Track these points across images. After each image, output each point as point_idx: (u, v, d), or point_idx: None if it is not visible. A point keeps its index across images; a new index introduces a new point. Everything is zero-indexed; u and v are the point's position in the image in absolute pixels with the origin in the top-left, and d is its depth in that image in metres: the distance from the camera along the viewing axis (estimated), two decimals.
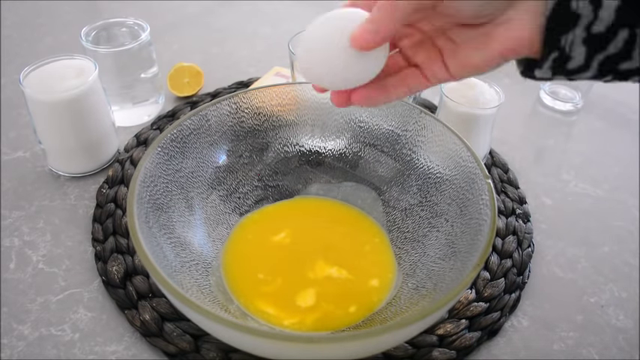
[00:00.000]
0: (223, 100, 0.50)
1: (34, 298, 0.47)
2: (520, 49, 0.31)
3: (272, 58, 0.80)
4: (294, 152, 0.55)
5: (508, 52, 0.31)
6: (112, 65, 0.62)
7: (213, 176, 0.51)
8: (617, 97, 0.77)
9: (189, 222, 0.47)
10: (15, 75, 0.72)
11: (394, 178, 0.52)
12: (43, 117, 0.55)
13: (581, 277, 0.51)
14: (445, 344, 0.44)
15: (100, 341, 0.44)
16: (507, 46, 0.31)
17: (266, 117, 0.53)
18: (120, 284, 0.48)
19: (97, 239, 0.52)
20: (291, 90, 0.53)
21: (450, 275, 0.41)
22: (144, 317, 0.45)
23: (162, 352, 0.43)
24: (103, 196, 0.56)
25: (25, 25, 0.88)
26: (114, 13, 0.89)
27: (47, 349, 0.44)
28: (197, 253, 0.46)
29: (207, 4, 0.96)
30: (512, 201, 0.56)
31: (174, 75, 0.71)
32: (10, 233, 0.53)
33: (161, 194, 0.45)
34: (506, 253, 0.51)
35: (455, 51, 0.33)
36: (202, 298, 0.41)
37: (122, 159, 0.60)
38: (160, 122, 0.66)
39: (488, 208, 0.40)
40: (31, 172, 0.60)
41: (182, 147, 0.48)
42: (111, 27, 0.66)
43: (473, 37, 0.32)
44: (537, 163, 0.65)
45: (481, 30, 0.32)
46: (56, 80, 0.55)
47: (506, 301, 0.47)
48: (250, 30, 0.89)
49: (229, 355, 0.43)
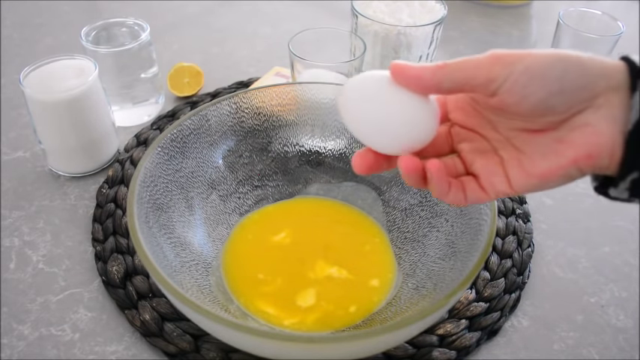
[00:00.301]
0: (223, 100, 0.50)
1: (34, 298, 0.47)
2: (598, 155, 0.26)
3: (272, 58, 0.80)
4: (294, 152, 0.55)
5: (583, 158, 0.27)
6: (112, 65, 0.62)
7: (213, 176, 0.51)
8: None
9: (189, 222, 0.47)
10: (15, 75, 0.72)
11: (394, 178, 0.52)
12: (43, 117, 0.55)
13: (581, 277, 0.51)
14: (445, 344, 0.44)
15: (100, 341, 0.44)
16: (583, 152, 0.26)
17: (266, 117, 0.53)
18: (120, 284, 0.48)
19: (97, 239, 0.52)
20: (291, 90, 0.52)
21: (450, 275, 0.41)
22: (144, 317, 0.45)
23: (162, 352, 0.43)
24: (103, 196, 0.56)
25: (25, 25, 0.88)
26: (114, 13, 0.89)
27: (47, 349, 0.44)
28: (197, 253, 0.46)
29: (207, 4, 0.96)
30: (512, 201, 0.56)
31: (174, 75, 0.71)
32: (10, 233, 0.53)
33: (161, 194, 0.45)
34: (506, 253, 0.51)
35: (520, 160, 0.29)
36: (202, 298, 0.42)
37: (122, 159, 0.60)
38: (160, 122, 0.66)
39: (489, 208, 0.40)
40: (31, 172, 0.60)
41: (182, 147, 0.48)
42: (111, 27, 0.66)
43: (542, 143, 0.28)
44: None
45: (552, 135, 0.28)
46: (56, 80, 0.55)
47: (506, 301, 0.47)
48: (250, 30, 0.89)
49: (229, 355, 0.43)
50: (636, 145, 0.25)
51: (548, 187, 0.29)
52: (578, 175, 0.28)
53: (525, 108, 0.27)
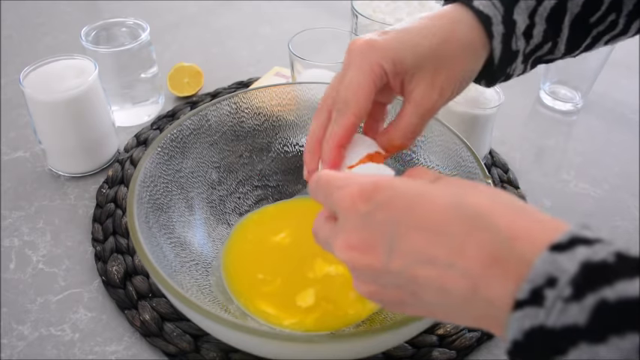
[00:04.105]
0: (223, 100, 0.50)
1: (34, 298, 0.47)
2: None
3: (272, 58, 0.80)
4: (294, 152, 0.55)
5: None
6: (112, 65, 0.62)
7: (213, 176, 0.51)
8: (616, 96, 0.76)
9: (189, 222, 0.47)
10: (15, 75, 0.72)
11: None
12: (43, 117, 0.55)
13: None
14: (445, 344, 0.44)
15: (100, 341, 0.44)
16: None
17: (266, 117, 0.53)
18: (120, 284, 0.48)
19: (97, 239, 0.52)
20: (291, 90, 0.52)
21: None
22: (144, 317, 0.45)
23: (162, 352, 0.43)
24: (103, 196, 0.56)
25: (25, 25, 0.88)
26: (114, 13, 0.89)
27: (47, 349, 0.44)
28: (197, 253, 0.46)
29: (207, 4, 0.96)
30: None
31: (174, 75, 0.71)
32: (10, 233, 0.53)
33: (161, 194, 0.45)
34: None
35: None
36: (202, 298, 0.42)
37: (122, 159, 0.60)
38: (160, 122, 0.66)
39: None
40: (31, 172, 0.60)
41: (182, 147, 0.48)
42: (111, 27, 0.66)
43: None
44: (537, 163, 0.65)
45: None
46: (56, 80, 0.55)
47: None
48: (250, 30, 0.89)
49: (229, 355, 0.43)
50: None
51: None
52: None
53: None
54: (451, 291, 0.25)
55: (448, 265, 0.24)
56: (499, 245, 0.23)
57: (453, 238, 0.25)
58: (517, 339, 0.22)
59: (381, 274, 0.27)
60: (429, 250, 0.25)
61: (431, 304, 0.27)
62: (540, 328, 0.21)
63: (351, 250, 0.28)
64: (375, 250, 0.27)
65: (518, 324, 0.22)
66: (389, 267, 0.26)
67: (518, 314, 0.22)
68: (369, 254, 0.27)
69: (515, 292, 0.22)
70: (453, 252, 0.24)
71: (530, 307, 0.22)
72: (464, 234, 0.24)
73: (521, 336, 0.22)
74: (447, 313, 0.27)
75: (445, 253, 0.25)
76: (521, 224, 0.24)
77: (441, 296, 0.25)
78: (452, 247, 0.24)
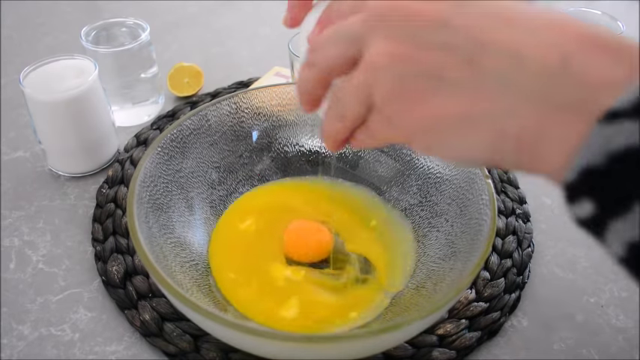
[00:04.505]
0: (223, 100, 0.50)
1: (34, 298, 0.47)
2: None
3: (272, 58, 0.80)
4: (294, 152, 0.55)
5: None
6: (112, 65, 0.62)
7: (213, 176, 0.51)
8: None
9: (189, 222, 0.47)
10: (15, 75, 0.72)
11: (394, 178, 0.52)
12: (43, 117, 0.55)
13: (581, 277, 0.51)
14: (445, 344, 0.44)
15: (100, 341, 0.44)
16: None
17: (266, 117, 0.53)
18: (120, 284, 0.48)
19: (97, 239, 0.52)
20: (291, 90, 0.53)
21: (450, 275, 0.41)
22: (144, 317, 0.45)
23: (162, 352, 0.43)
24: (103, 196, 0.56)
25: (25, 25, 0.88)
26: (114, 13, 0.89)
27: (47, 349, 0.44)
28: (197, 253, 0.46)
29: (207, 4, 0.96)
30: (512, 201, 0.56)
31: (174, 75, 0.71)
32: (10, 233, 0.53)
33: (161, 194, 0.45)
34: (506, 253, 0.51)
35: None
36: (202, 298, 0.42)
37: (122, 159, 0.60)
38: (160, 122, 0.66)
39: (488, 208, 0.40)
40: (31, 172, 0.60)
41: (182, 147, 0.48)
42: (111, 27, 0.66)
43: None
44: None
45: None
46: (56, 80, 0.55)
47: (506, 301, 0.47)
48: (250, 30, 0.89)
49: (229, 355, 0.43)
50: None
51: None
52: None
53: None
54: (527, 58, 0.19)
55: (531, 31, 0.19)
56: (604, 34, 0.19)
57: (542, 15, 0.20)
58: (598, 161, 0.17)
59: (433, 28, 0.21)
60: (507, 13, 0.20)
61: (483, 82, 0.20)
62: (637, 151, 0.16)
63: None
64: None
65: (614, 131, 0.17)
66: (452, 19, 0.20)
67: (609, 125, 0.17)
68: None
69: (628, 78, 0.17)
70: (540, 24, 0.19)
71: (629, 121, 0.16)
72: (557, 16, 0.20)
73: (606, 157, 0.17)
74: (497, 101, 0.20)
75: (529, 24, 0.20)
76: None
77: (509, 66, 0.20)
78: (540, 20, 0.20)
